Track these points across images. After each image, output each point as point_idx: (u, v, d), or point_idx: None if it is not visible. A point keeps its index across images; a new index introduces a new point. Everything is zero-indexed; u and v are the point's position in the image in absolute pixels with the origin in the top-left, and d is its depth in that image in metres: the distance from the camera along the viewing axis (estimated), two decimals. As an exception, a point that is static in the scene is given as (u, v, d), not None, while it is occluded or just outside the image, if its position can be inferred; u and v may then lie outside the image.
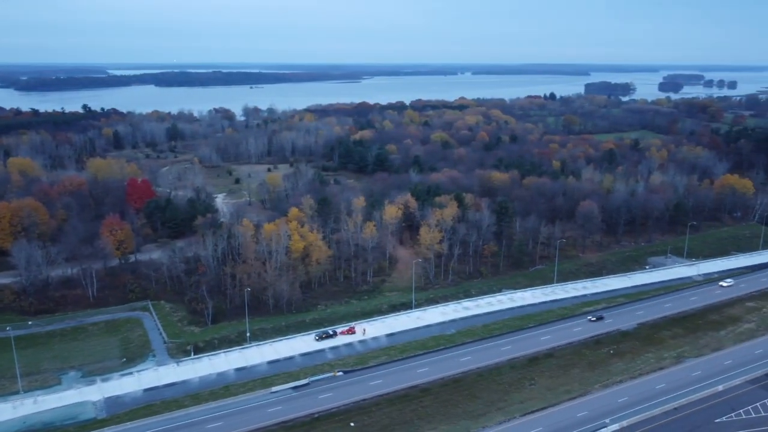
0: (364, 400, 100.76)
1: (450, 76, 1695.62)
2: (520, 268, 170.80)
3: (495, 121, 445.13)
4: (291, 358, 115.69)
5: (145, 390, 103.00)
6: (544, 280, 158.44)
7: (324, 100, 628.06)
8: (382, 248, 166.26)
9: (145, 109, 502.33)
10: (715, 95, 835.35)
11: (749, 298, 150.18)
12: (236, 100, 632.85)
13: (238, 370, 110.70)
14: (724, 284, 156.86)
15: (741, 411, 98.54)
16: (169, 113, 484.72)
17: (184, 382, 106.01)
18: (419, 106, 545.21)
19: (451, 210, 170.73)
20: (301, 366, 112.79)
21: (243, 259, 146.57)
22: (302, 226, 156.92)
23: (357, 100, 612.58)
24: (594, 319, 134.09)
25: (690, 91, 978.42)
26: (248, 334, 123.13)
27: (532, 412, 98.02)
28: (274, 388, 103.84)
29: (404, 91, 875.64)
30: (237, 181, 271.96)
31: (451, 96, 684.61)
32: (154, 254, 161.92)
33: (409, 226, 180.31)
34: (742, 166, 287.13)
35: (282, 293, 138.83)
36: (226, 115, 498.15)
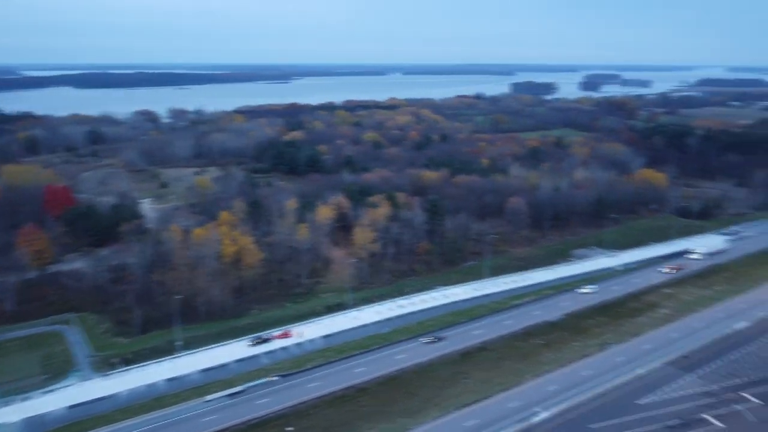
0: (301, 403, 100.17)
1: (380, 77, 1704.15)
2: (452, 264, 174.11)
3: (425, 120, 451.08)
4: (225, 365, 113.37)
5: (70, 407, 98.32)
6: (476, 276, 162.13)
7: (254, 101, 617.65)
8: (316, 250, 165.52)
9: (64, 112, 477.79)
10: (631, 94, 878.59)
11: (665, 285, 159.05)
12: (162, 101, 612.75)
13: (169, 380, 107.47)
14: (586, 290, 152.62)
15: (660, 392, 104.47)
16: (90, 116, 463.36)
17: (112, 396, 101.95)
18: (350, 107, 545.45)
19: (384, 209, 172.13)
20: (236, 373, 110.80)
21: (172, 266, 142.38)
22: (233, 230, 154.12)
23: (287, 101, 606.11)
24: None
25: (608, 90, 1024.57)
26: (179, 343, 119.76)
27: (467, 405, 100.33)
28: (208, 397, 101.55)
29: (335, 91, 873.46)
30: (164, 185, 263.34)
31: (381, 96, 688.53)
32: (76, 264, 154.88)
33: (343, 226, 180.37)
34: (657, 160, 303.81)
35: (214, 299, 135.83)
36: (151, 117, 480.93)
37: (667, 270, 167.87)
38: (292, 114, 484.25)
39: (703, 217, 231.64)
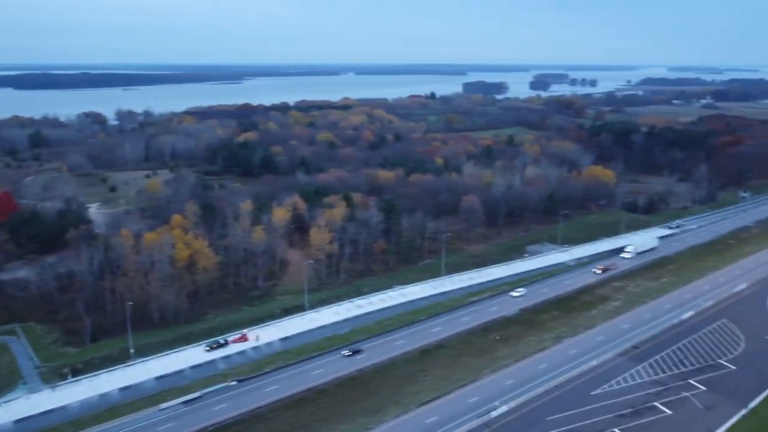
0: (260, 407, 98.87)
1: (333, 77, 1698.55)
2: (409, 263, 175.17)
3: (379, 120, 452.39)
4: (180, 371, 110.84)
5: (17, 421, 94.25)
6: (433, 274, 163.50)
7: (204, 102, 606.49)
8: (272, 252, 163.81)
9: (3, 115, 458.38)
10: (579, 93, 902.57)
11: (616, 278, 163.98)
12: (108, 103, 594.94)
13: (122, 389, 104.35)
14: (515, 294, 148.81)
15: (613, 382, 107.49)
16: (32, 118, 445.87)
17: (62, 408, 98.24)
18: (304, 107, 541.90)
19: (340, 210, 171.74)
20: (192, 379, 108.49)
21: (123, 272, 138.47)
22: (187, 234, 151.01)
23: (239, 102, 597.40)
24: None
25: (557, 89, 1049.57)
26: (132, 351, 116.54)
27: (427, 402, 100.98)
28: (163, 405, 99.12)
29: (287, 91, 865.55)
30: (112, 189, 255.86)
31: (335, 96, 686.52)
32: (20, 272, 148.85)
33: (299, 227, 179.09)
34: (604, 157, 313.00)
35: (168, 305, 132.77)
36: (98, 119, 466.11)
37: (599, 270, 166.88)
38: (245, 115, 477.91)
39: (649, 211, 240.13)
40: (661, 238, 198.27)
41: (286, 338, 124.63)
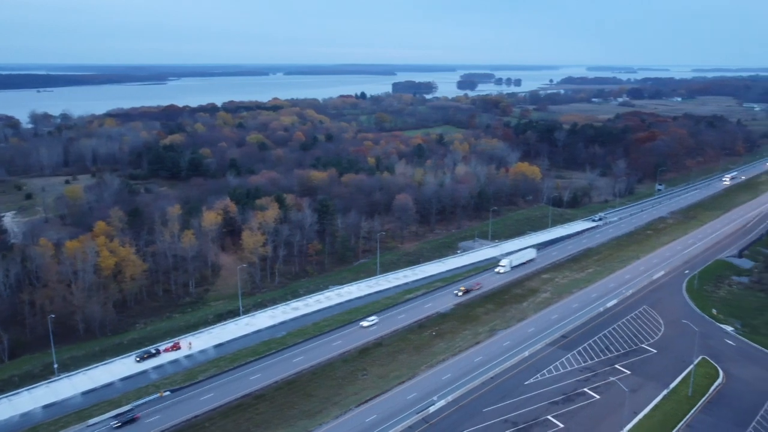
0: (195, 417, 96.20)
1: (262, 77, 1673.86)
2: (344, 263, 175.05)
3: (310, 121, 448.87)
4: (110, 384, 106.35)
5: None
6: (369, 273, 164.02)
7: (126, 104, 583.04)
8: (203, 257, 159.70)
9: None
10: (504, 92, 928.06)
11: (544, 270, 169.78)
12: (21, 105, 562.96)
13: (46, 407, 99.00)
14: (365, 324, 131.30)
15: (545, 371, 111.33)
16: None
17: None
18: (232, 108, 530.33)
19: (272, 212, 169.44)
20: (123, 391, 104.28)
21: (43, 283, 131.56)
22: (112, 241, 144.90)
23: (164, 103, 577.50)
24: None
25: (484, 89, 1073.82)
26: (56, 366, 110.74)
27: (366, 401, 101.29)
28: (91, 421, 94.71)
29: (215, 92, 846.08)
30: (29, 196, 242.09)
31: (264, 97, 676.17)
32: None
33: (231, 231, 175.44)
34: (530, 154, 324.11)
35: (93, 316, 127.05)
36: (10, 122, 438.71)
37: (461, 292, 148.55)
38: (170, 116, 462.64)
39: (573, 205, 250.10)
40: (538, 246, 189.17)
41: (220, 345, 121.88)
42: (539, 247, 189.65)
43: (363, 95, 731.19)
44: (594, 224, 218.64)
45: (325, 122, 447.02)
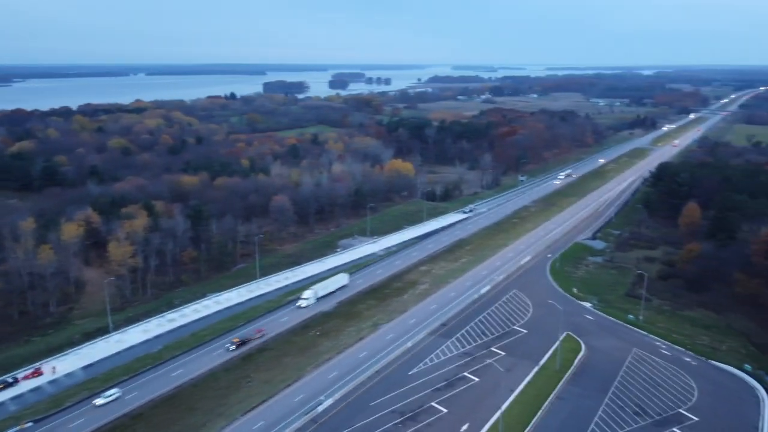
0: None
1: (122, 78, 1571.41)
2: (222, 269, 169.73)
3: (178, 123, 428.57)
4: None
5: None
6: (248, 278, 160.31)
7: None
8: (64, 273, 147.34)
9: None
10: (375, 91, 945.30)
11: (421, 263, 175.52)
12: None
13: None
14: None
15: (427, 360, 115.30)
16: None
17: None
18: (90, 111, 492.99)
19: (141, 220, 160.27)
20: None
21: None
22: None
23: (9, 107, 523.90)
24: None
25: (355, 88, 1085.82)
26: None
27: (253, 408, 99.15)
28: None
29: (69, 94, 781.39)
30: None
31: (126, 99, 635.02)
32: None
33: (96, 243, 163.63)
34: (403, 151, 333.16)
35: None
36: None
37: (234, 345, 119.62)
38: (17, 121, 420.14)
39: (446, 198, 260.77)
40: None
41: (89, 365, 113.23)
42: (416, 240, 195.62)
43: (233, 96, 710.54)
44: (465, 216, 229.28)
45: (194, 124, 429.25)
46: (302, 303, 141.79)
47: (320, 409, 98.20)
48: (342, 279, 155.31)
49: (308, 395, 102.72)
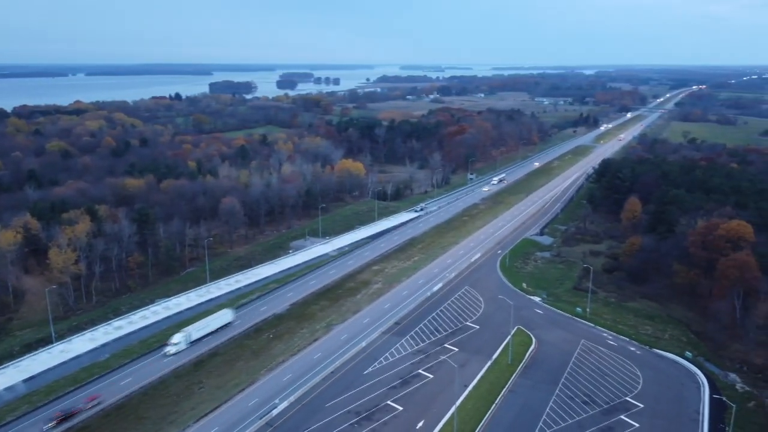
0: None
1: (59, 78, 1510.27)
2: (171, 274, 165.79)
3: (120, 124, 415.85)
4: None
5: None
6: (198, 282, 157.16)
7: None
8: (2, 282, 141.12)
9: None
10: (324, 91, 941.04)
11: (374, 262, 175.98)
12: None
13: None
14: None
15: (381, 359, 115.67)
16: None
17: None
18: (25, 113, 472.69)
19: (83, 225, 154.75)
20: None
21: None
22: None
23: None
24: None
25: (304, 88, 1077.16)
26: None
27: (206, 415, 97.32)
28: None
29: (1, 96, 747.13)
30: None
31: (64, 100, 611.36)
32: None
33: (35, 250, 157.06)
34: (353, 151, 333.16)
35: None
36: None
37: (53, 424, 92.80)
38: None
39: (397, 198, 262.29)
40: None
41: (31, 378, 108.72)
42: (368, 240, 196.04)
43: (178, 96, 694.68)
44: (416, 214, 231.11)
45: (138, 126, 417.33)
46: (170, 349, 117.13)
47: (275, 412, 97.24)
48: (225, 316, 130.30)
49: (262, 399, 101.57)
